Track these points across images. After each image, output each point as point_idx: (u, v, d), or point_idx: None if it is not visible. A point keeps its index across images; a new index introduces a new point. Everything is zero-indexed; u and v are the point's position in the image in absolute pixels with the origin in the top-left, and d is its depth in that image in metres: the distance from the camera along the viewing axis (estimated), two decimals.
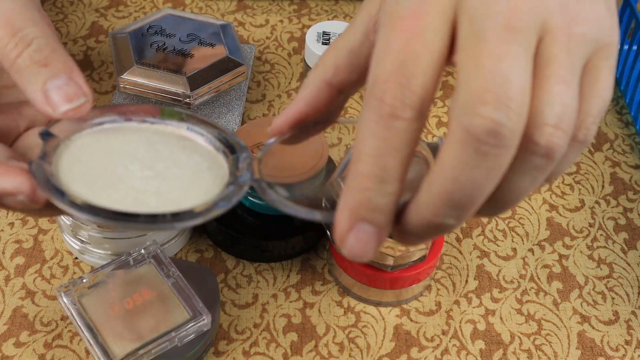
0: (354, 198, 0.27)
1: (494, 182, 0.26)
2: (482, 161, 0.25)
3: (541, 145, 0.26)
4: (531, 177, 0.27)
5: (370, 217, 0.27)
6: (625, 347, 0.48)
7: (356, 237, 0.27)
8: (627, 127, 0.63)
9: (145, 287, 0.44)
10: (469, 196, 0.26)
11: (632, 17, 0.62)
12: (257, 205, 0.49)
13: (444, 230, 0.27)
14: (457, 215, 0.27)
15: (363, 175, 0.27)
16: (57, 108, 0.32)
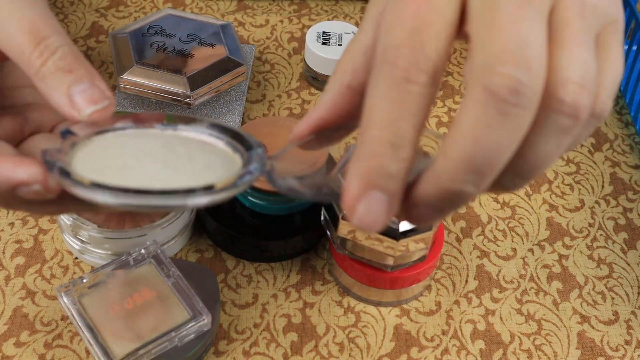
0: (366, 164, 0.26)
1: (514, 144, 0.25)
2: (503, 121, 0.25)
3: (567, 103, 0.25)
4: (556, 140, 0.26)
5: (383, 184, 0.26)
6: (625, 347, 0.48)
7: (367, 206, 0.26)
8: (627, 127, 0.63)
9: (145, 287, 0.44)
10: (490, 159, 0.25)
11: (632, 17, 0.62)
12: (257, 205, 0.49)
13: (461, 200, 0.26)
14: (477, 181, 0.25)
15: (375, 141, 0.26)
16: (82, 111, 0.33)
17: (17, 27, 0.33)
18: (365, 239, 0.45)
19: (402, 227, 0.44)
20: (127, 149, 0.33)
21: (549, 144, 0.26)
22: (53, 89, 0.33)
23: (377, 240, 0.44)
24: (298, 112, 0.61)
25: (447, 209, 0.27)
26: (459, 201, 0.26)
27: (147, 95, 0.56)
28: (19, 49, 0.33)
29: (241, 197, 0.50)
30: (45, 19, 0.34)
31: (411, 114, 0.26)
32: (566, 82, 0.25)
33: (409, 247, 0.45)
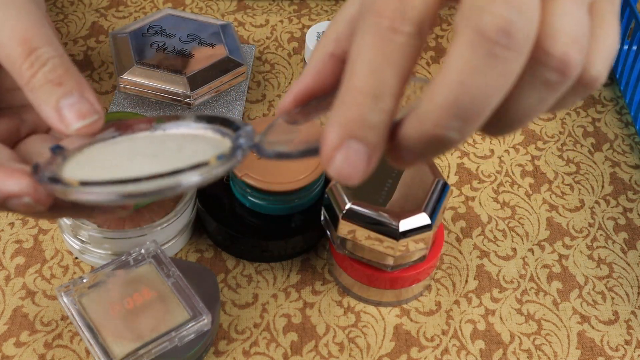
0: (346, 113, 0.25)
1: (502, 90, 0.24)
2: (492, 64, 0.24)
3: (555, 56, 0.25)
4: (540, 94, 0.26)
5: (362, 134, 0.25)
6: (625, 347, 0.48)
7: (345, 156, 0.26)
8: (627, 127, 0.63)
9: (145, 287, 0.44)
10: (476, 104, 0.24)
11: (632, 17, 0.62)
12: (257, 205, 0.49)
13: (444, 146, 0.25)
14: (461, 127, 0.25)
15: (357, 90, 0.25)
16: (70, 125, 0.33)
17: (9, 37, 0.33)
18: (365, 239, 0.45)
19: (402, 227, 0.44)
20: (117, 152, 0.33)
21: (532, 97, 0.26)
22: (42, 102, 0.33)
23: (377, 240, 0.44)
24: None
25: (430, 154, 0.26)
26: (442, 147, 0.26)
27: (147, 95, 0.56)
28: (10, 59, 0.33)
29: (241, 197, 0.50)
30: (38, 29, 0.33)
31: (395, 64, 0.25)
32: (557, 34, 0.24)
33: (409, 247, 0.45)
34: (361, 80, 0.25)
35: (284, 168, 0.48)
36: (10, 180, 0.31)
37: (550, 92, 0.26)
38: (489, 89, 0.24)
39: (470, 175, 0.58)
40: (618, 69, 0.65)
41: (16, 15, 0.33)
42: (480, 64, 0.24)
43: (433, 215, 0.44)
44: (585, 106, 0.64)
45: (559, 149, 0.60)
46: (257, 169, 0.48)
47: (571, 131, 0.62)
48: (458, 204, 0.56)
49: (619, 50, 0.65)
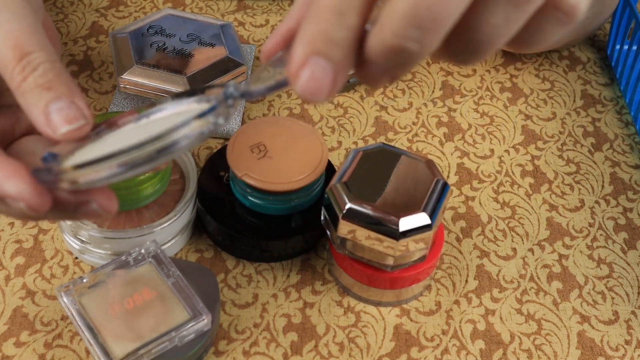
0: (311, 30, 0.25)
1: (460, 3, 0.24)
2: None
3: None
4: (505, 12, 0.25)
5: (327, 50, 0.25)
6: (625, 347, 0.48)
7: (311, 72, 0.25)
8: (627, 127, 0.63)
9: (145, 287, 0.44)
10: (434, 13, 0.24)
11: (632, 17, 0.62)
12: (257, 205, 0.49)
13: (406, 59, 0.25)
14: (420, 37, 0.24)
15: (323, 6, 0.25)
16: (57, 130, 0.32)
17: (2, 41, 0.33)
18: (365, 238, 0.45)
19: (402, 227, 0.44)
20: (107, 144, 0.33)
21: (497, 15, 0.25)
22: (31, 105, 0.33)
23: (377, 240, 0.44)
24: (298, 112, 0.61)
25: (395, 69, 0.26)
26: (405, 59, 0.25)
27: (147, 95, 0.56)
28: (3, 63, 0.33)
29: (241, 197, 0.50)
30: (31, 33, 0.33)
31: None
32: None
33: (409, 247, 0.45)
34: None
35: (284, 168, 0.48)
36: (10, 182, 0.31)
37: (516, 10, 0.25)
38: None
39: (470, 175, 0.58)
40: (618, 69, 0.65)
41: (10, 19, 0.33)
42: None
43: (433, 215, 0.44)
44: (585, 106, 0.64)
45: (559, 149, 0.60)
46: (257, 169, 0.48)
47: (571, 131, 0.62)
48: (458, 204, 0.56)
49: (619, 50, 0.65)
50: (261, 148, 0.49)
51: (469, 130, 0.61)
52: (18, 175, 0.31)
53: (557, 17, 0.26)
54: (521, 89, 0.65)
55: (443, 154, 0.59)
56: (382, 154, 0.47)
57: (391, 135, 0.60)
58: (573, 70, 0.67)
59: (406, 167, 0.47)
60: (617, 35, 0.66)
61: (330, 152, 0.58)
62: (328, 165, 0.53)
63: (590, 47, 0.70)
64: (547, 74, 0.67)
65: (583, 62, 0.68)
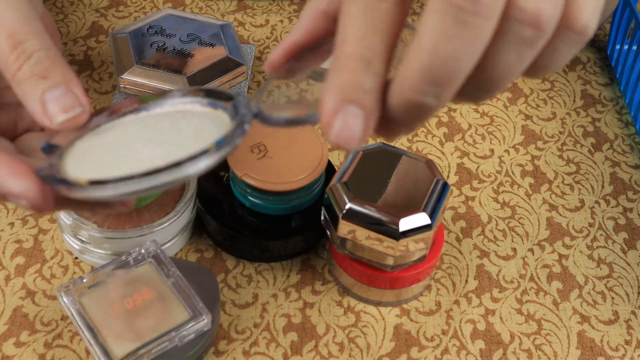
0: (341, 79, 0.26)
1: (474, 55, 0.25)
2: (461, 30, 0.24)
3: (527, 11, 0.25)
4: (517, 52, 0.26)
5: (358, 98, 0.26)
6: (625, 347, 0.48)
7: (343, 120, 0.26)
8: (627, 127, 0.63)
9: (145, 287, 0.44)
10: (448, 69, 0.25)
11: (632, 17, 0.62)
12: (257, 205, 0.49)
13: (424, 111, 0.26)
14: (437, 93, 0.25)
15: (348, 56, 0.26)
16: (54, 119, 0.32)
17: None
18: (365, 238, 0.45)
19: (402, 227, 0.44)
20: (113, 142, 0.33)
21: (510, 55, 0.26)
22: (27, 95, 0.32)
23: (377, 240, 0.44)
24: None
25: (413, 120, 0.27)
26: (424, 112, 0.26)
27: None
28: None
29: (241, 197, 0.50)
30: (26, 22, 0.33)
31: (381, 29, 0.26)
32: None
33: (409, 247, 0.45)
34: (351, 46, 0.26)
35: (284, 168, 0.48)
36: (14, 179, 0.31)
37: (527, 48, 0.26)
38: (460, 54, 0.24)
39: (470, 175, 0.58)
40: (618, 69, 0.65)
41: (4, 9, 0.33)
42: (449, 31, 0.24)
43: (433, 215, 0.44)
44: (585, 106, 0.64)
45: (559, 149, 0.60)
46: (257, 169, 0.48)
47: (571, 131, 0.62)
48: (458, 203, 0.56)
49: (619, 50, 0.65)
50: (261, 148, 0.49)
51: (469, 130, 0.61)
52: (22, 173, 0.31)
53: (570, 38, 0.27)
54: (521, 89, 0.65)
55: (443, 154, 0.59)
56: (382, 154, 0.47)
57: None
58: (573, 70, 0.67)
59: (406, 167, 0.47)
60: (617, 35, 0.66)
61: (330, 152, 0.58)
62: (328, 165, 0.53)
63: (590, 47, 0.70)
64: None
65: (583, 62, 0.68)
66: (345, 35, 0.26)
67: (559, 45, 0.27)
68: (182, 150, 0.31)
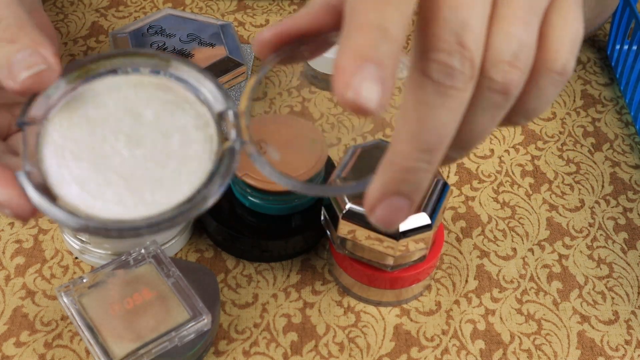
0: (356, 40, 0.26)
1: (457, 120, 0.27)
2: (442, 101, 0.26)
3: (497, 81, 0.27)
4: (491, 115, 0.28)
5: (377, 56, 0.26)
6: (625, 347, 0.48)
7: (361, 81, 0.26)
8: (627, 127, 0.63)
9: (145, 287, 0.44)
10: (436, 135, 0.27)
11: (632, 17, 0.62)
12: (257, 205, 0.49)
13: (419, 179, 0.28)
14: (428, 159, 0.27)
15: (364, 23, 0.26)
16: (17, 76, 0.31)
17: None
18: (365, 238, 0.45)
19: (402, 227, 0.44)
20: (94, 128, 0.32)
21: (484, 117, 0.28)
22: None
23: (377, 240, 0.44)
24: (299, 109, 0.61)
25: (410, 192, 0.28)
26: (418, 181, 0.28)
27: None
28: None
29: (241, 197, 0.50)
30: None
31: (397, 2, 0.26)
32: (497, 62, 0.27)
33: (409, 247, 0.45)
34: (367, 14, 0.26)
35: (284, 168, 0.48)
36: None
37: (498, 110, 0.28)
38: (444, 121, 0.27)
39: (470, 175, 0.58)
40: (618, 69, 0.65)
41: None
42: (431, 101, 0.26)
43: (433, 215, 0.44)
44: (585, 106, 0.64)
45: (559, 149, 0.60)
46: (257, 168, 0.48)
47: (571, 131, 0.62)
48: (458, 203, 0.56)
49: (619, 50, 0.65)
50: (262, 145, 0.49)
51: None
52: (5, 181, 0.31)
53: (553, 78, 0.29)
54: None
55: None
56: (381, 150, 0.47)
57: (389, 132, 0.60)
58: (573, 70, 0.67)
59: None
60: (617, 35, 0.66)
61: (329, 149, 0.58)
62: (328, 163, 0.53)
63: (590, 47, 0.70)
64: None
65: (583, 62, 0.68)
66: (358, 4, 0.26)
67: (544, 86, 0.29)
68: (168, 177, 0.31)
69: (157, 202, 0.31)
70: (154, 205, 0.31)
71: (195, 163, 0.32)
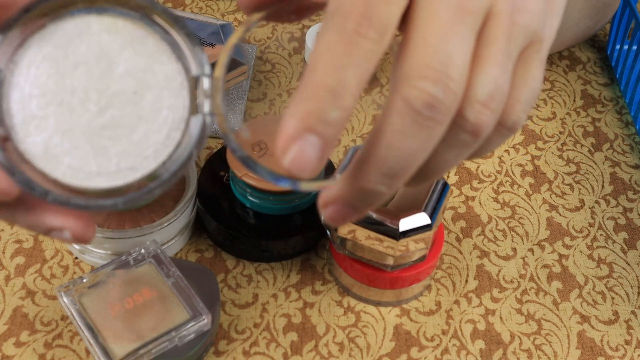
0: (305, 106, 0.26)
1: (426, 152, 0.27)
2: (417, 131, 0.26)
3: (470, 121, 0.27)
4: (456, 152, 0.28)
5: (320, 129, 0.26)
6: (625, 347, 0.48)
7: (300, 148, 0.26)
8: (627, 127, 0.63)
9: (145, 287, 0.44)
10: (402, 164, 0.27)
11: (632, 17, 0.62)
12: (257, 205, 0.49)
13: (374, 199, 0.28)
14: (389, 183, 0.27)
15: (318, 84, 0.26)
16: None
17: None
18: (365, 238, 0.45)
19: (402, 227, 0.44)
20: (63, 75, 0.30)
21: (449, 154, 0.28)
22: None
23: (377, 240, 0.44)
24: None
25: (362, 207, 0.28)
26: (372, 200, 0.28)
27: None
28: None
29: (241, 197, 0.50)
30: None
31: (357, 65, 0.26)
32: (473, 101, 0.27)
33: (409, 247, 0.45)
34: (323, 76, 0.26)
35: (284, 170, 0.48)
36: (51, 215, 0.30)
37: (464, 149, 0.28)
38: (413, 150, 0.26)
39: (470, 175, 0.58)
40: (618, 69, 0.65)
41: None
42: (406, 129, 0.26)
43: (433, 215, 0.44)
44: (585, 106, 0.64)
45: (559, 149, 0.60)
46: None
47: (571, 131, 0.62)
48: (458, 203, 0.56)
49: (619, 50, 0.65)
50: (262, 146, 0.49)
51: None
52: None
53: (502, 132, 0.29)
54: None
55: None
56: None
57: None
58: (573, 70, 0.67)
59: None
60: (617, 35, 0.66)
61: None
62: (328, 163, 0.53)
63: (590, 47, 0.70)
64: (547, 74, 0.67)
65: (583, 62, 0.68)
66: (317, 62, 0.26)
67: (492, 137, 0.30)
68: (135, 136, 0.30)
69: (121, 172, 0.30)
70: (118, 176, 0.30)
71: (165, 131, 0.30)
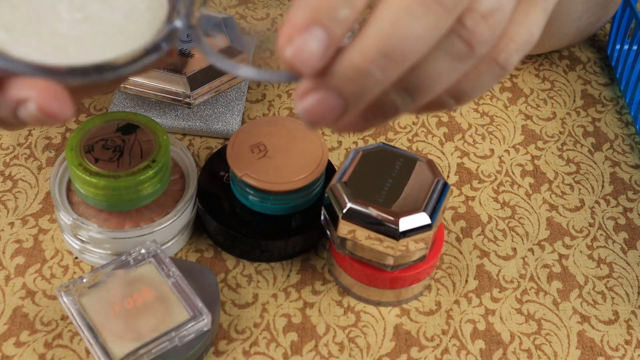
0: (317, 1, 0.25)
1: (427, 44, 0.26)
2: (423, 14, 0.25)
3: (467, 28, 0.26)
4: (448, 65, 0.27)
5: (328, 24, 0.25)
6: (625, 347, 0.48)
7: (305, 40, 0.25)
8: (627, 127, 0.63)
9: (146, 287, 0.44)
10: (404, 45, 0.25)
11: (632, 17, 0.62)
12: (257, 205, 0.49)
13: (366, 85, 0.26)
14: (384, 67, 0.26)
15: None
16: None
17: None
18: (365, 238, 0.45)
19: (402, 227, 0.44)
20: None
21: (442, 64, 0.27)
22: None
23: (377, 240, 0.44)
24: None
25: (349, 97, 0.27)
26: (365, 83, 0.26)
27: (147, 95, 0.56)
28: None
29: (241, 197, 0.50)
30: None
31: None
32: (474, 11, 0.26)
33: (409, 247, 0.45)
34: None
35: (284, 168, 0.48)
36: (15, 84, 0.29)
37: (457, 62, 0.27)
38: (416, 35, 0.25)
39: (470, 175, 0.58)
40: (618, 69, 0.65)
41: None
42: (413, 9, 0.25)
43: (433, 215, 0.44)
44: (585, 106, 0.64)
45: (559, 148, 0.60)
46: (257, 168, 0.48)
47: (571, 131, 0.62)
48: (458, 203, 0.56)
49: (619, 50, 0.65)
50: (261, 148, 0.49)
51: (469, 130, 0.61)
52: None
53: (492, 68, 0.29)
54: (521, 89, 0.65)
55: (443, 154, 0.59)
56: (382, 153, 0.47)
57: (391, 135, 0.60)
58: (573, 70, 0.67)
59: (406, 167, 0.47)
60: (617, 35, 0.66)
61: (330, 152, 0.58)
62: (328, 165, 0.53)
63: (590, 47, 0.70)
64: (547, 74, 0.67)
65: (583, 62, 0.68)
66: None
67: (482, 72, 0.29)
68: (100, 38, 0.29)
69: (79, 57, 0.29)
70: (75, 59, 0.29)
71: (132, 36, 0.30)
